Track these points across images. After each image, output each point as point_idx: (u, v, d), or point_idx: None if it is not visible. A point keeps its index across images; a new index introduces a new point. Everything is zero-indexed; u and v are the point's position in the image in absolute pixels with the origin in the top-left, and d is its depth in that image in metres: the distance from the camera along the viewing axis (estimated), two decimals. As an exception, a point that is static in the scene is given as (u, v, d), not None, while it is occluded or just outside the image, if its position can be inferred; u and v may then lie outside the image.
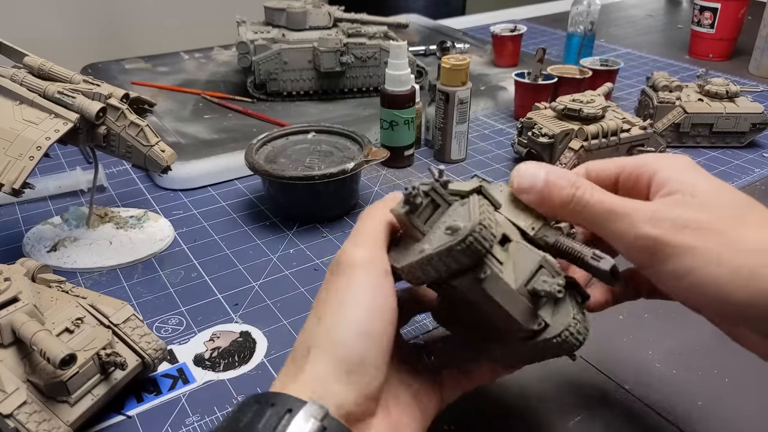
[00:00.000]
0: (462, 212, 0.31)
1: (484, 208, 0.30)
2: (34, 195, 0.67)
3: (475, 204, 0.30)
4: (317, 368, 0.29)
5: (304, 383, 0.29)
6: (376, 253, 0.32)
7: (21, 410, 0.35)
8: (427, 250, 0.30)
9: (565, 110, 0.70)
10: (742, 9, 1.11)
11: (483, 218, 0.29)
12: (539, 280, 0.31)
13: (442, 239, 0.30)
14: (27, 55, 0.55)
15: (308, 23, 0.90)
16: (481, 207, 0.30)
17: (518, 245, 0.32)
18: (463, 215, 0.30)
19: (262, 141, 0.66)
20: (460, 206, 0.31)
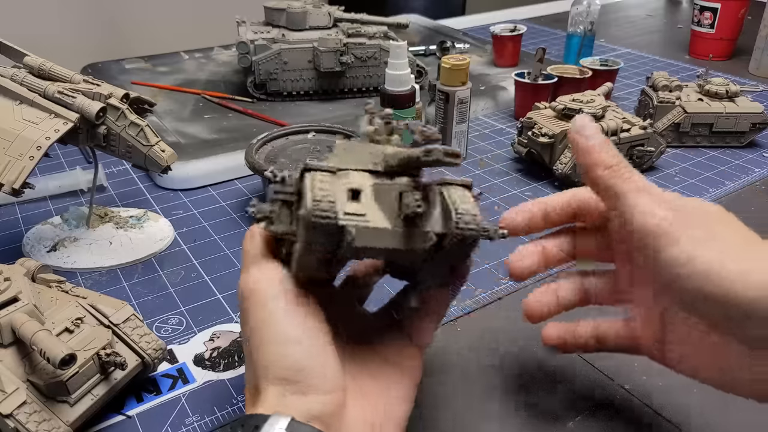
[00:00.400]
0: (306, 196, 0.31)
1: (315, 183, 0.31)
2: (34, 195, 0.67)
3: (306, 185, 0.31)
4: (268, 395, 0.31)
5: (265, 407, 0.30)
6: (265, 272, 0.33)
7: (21, 410, 0.35)
8: (296, 246, 0.32)
9: (565, 110, 0.70)
10: (742, 9, 1.11)
11: (314, 194, 0.30)
12: (403, 205, 0.32)
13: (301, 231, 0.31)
14: (27, 54, 0.55)
15: (308, 23, 0.90)
16: (312, 183, 0.31)
17: (374, 188, 0.33)
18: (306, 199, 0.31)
19: (262, 141, 0.66)
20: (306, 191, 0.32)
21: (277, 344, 0.31)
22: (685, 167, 0.75)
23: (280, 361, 0.31)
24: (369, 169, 0.34)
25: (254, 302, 0.32)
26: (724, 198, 0.68)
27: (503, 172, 0.74)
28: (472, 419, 0.41)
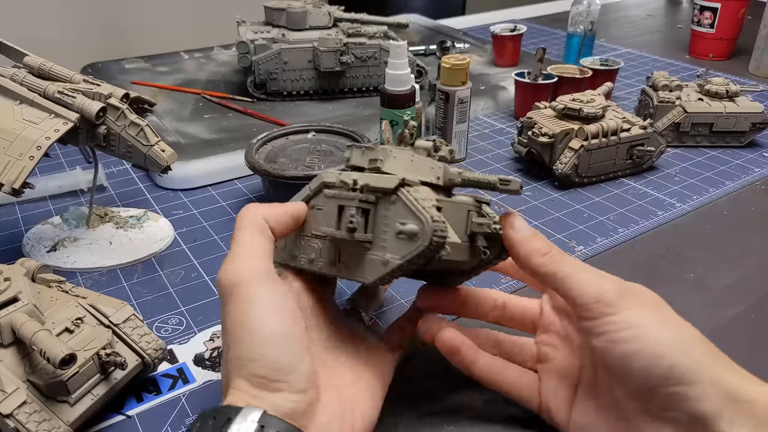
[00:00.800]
0: (403, 211, 0.33)
1: (425, 203, 0.32)
2: (34, 195, 0.67)
3: (413, 202, 0.32)
4: (243, 391, 0.31)
5: (237, 399, 0.31)
6: (254, 264, 0.34)
7: (21, 410, 0.35)
8: (394, 260, 0.33)
9: (565, 110, 0.70)
10: (742, 9, 1.11)
11: (432, 214, 0.32)
12: (474, 224, 0.35)
13: (402, 246, 0.33)
14: (27, 54, 0.55)
15: (308, 23, 0.90)
16: (422, 203, 0.32)
17: (443, 204, 0.35)
18: (406, 214, 0.33)
19: (262, 140, 0.66)
20: (392, 204, 0.33)
21: (256, 342, 0.32)
22: (685, 167, 0.75)
23: (258, 360, 0.31)
24: (430, 182, 0.36)
25: (238, 296, 0.33)
26: (724, 198, 0.68)
27: (503, 172, 0.74)
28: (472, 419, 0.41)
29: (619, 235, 0.61)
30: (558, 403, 0.38)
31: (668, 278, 0.55)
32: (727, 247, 0.59)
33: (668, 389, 0.31)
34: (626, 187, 0.71)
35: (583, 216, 0.65)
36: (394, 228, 0.33)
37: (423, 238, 0.32)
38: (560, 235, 0.61)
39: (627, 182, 0.72)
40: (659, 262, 0.57)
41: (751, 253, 0.59)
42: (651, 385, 0.32)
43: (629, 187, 0.71)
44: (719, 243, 0.60)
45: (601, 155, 0.69)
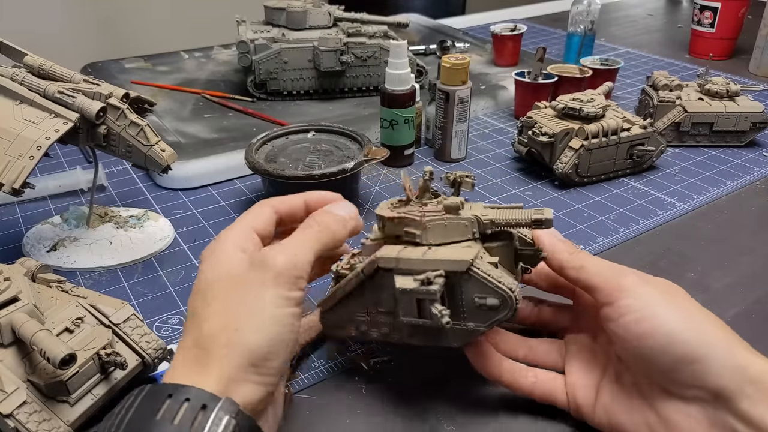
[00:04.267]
0: (479, 287, 0.37)
1: (495, 273, 0.37)
2: (34, 194, 0.67)
3: (488, 279, 0.36)
4: (229, 367, 0.31)
5: (214, 379, 0.30)
6: (302, 267, 0.35)
7: (21, 410, 0.35)
8: (479, 327, 0.38)
9: (565, 109, 0.70)
10: (743, 8, 1.11)
11: (509, 286, 0.36)
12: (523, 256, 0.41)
13: (485, 315, 0.37)
14: (27, 54, 0.55)
15: (308, 22, 0.90)
16: (495, 276, 0.36)
17: (494, 250, 0.40)
18: (483, 289, 0.37)
19: (262, 140, 0.66)
20: (466, 281, 0.37)
21: (268, 334, 0.32)
22: (685, 166, 0.75)
23: (262, 348, 0.32)
24: (472, 238, 0.40)
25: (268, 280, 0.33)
26: (724, 197, 0.68)
27: (503, 172, 0.74)
28: (472, 419, 0.41)
29: (619, 235, 0.61)
30: (584, 395, 0.39)
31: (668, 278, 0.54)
32: (727, 247, 0.59)
33: (686, 367, 0.33)
34: (626, 187, 0.71)
35: (583, 215, 0.65)
36: (472, 301, 0.37)
37: (508, 308, 0.36)
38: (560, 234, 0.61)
39: (627, 182, 0.72)
40: (659, 262, 0.57)
41: (751, 253, 0.59)
42: (669, 364, 0.33)
43: (629, 186, 0.71)
44: (719, 243, 0.60)
45: (601, 155, 0.69)
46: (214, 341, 0.32)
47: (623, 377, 0.38)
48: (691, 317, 0.34)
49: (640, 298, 0.35)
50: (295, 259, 0.34)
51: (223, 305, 0.33)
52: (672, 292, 0.37)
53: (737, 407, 0.32)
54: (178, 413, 0.28)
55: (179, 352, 0.33)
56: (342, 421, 0.41)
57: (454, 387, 0.43)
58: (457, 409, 0.41)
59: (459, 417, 0.41)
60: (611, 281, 0.36)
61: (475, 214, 0.39)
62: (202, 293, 0.34)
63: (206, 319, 0.33)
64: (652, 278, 0.38)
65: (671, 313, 0.34)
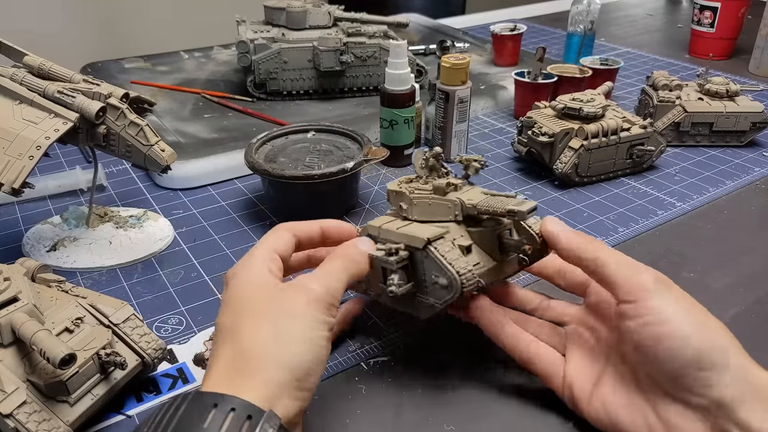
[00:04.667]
0: (435, 265, 0.39)
1: (451, 255, 0.39)
2: (34, 194, 0.67)
3: (440, 259, 0.39)
4: (273, 381, 0.32)
5: (257, 392, 0.31)
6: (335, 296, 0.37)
7: (21, 410, 0.35)
8: (436, 304, 0.40)
9: (565, 109, 0.70)
10: (743, 8, 1.11)
11: (458, 269, 0.38)
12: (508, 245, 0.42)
13: (440, 293, 0.40)
14: (27, 54, 0.55)
15: (308, 22, 0.90)
16: (449, 257, 0.39)
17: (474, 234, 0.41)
18: (438, 268, 0.39)
19: (261, 140, 0.66)
20: (426, 257, 0.40)
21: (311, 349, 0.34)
22: (685, 166, 0.75)
23: (305, 363, 0.33)
24: (454, 220, 0.42)
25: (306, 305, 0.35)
26: (724, 197, 0.68)
27: (503, 172, 0.74)
28: (471, 419, 0.41)
29: (619, 235, 0.61)
30: (581, 384, 0.39)
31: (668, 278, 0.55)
32: (727, 247, 0.59)
33: (696, 373, 0.33)
34: (626, 187, 0.71)
35: (583, 215, 0.65)
36: (430, 278, 0.40)
37: (454, 290, 0.39)
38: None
39: (627, 182, 0.72)
40: (659, 261, 0.57)
41: (751, 253, 0.59)
42: (679, 368, 0.34)
43: (629, 186, 0.71)
44: (719, 243, 0.60)
45: (601, 155, 0.69)
46: (257, 354, 0.33)
47: (626, 376, 0.38)
48: (705, 325, 0.35)
49: (663, 301, 0.35)
50: (329, 286, 0.37)
51: (262, 320, 0.34)
52: (684, 296, 0.37)
53: (737, 415, 0.32)
54: (225, 423, 0.29)
55: (218, 361, 0.34)
56: (342, 421, 0.41)
57: (454, 387, 0.43)
58: (457, 409, 0.41)
59: (459, 417, 0.41)
60: (632, 279, 0.36)
61: (460, 198, 0.42)
62: (233, 308, 0.35)
63: (245, 332, 0.34)
64: (665, 279, 0.38)
65: (689, 318, 0.35)
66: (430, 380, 0.44)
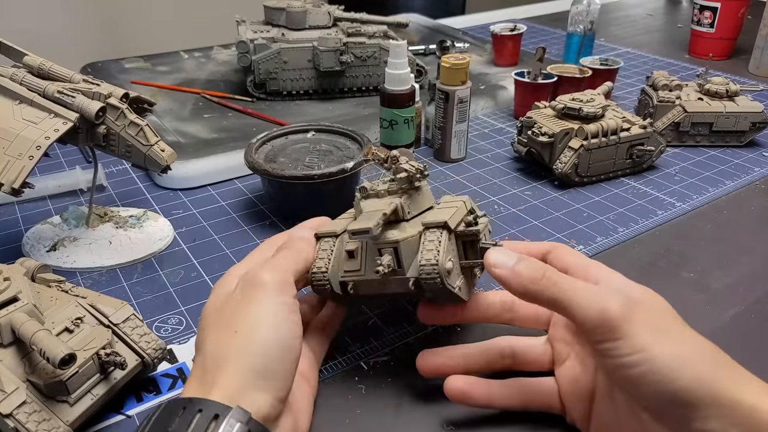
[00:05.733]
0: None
1: (317, 253, 0.42)
2: (34, 194, 0.67)
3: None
4: (234, 378, 0.33)
5: (224, 390, 0.32)
6: (286, 279, 0.38)
7: (20, 410, 0.35)
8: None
9: (565, 109, 0.70)
10: (742, 8, 1.11)
11: (313, 266, 0.41)
12: (381, 265, 0.40)
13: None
14: (26, 54, 0.55)
15: (308, 22, 0.90)
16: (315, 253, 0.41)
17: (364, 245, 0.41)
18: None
19: (261, 140, 0.66)
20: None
21: (271, 342, 0.34)
22: (685, 166, 0.75)
23: (266, 357, 0.34)
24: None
25: (259, 294, 0.36)
26: (723, 197, 0.68)
27: (503, 172, 0.74)
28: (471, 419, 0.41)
29: (618, 235, 0.61)
30: (578, 407, 0.38)
31: (668, 278, 0.55)
32: (727, 247, 0.59)
33: (676, 410, 0.32)
34: (626, 187, 0.71)
35: (583, 215, 0.65)
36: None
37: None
38: (560, 234, 0.61)
39: (627, 182, 0.72)
40: (659, 262, 0.57)
41: (751, 253, 0.59)
42: (660, 405, 0.32)
43: (629, 186, 0.71)
44: (719, 243, 0.60)
45: (600, 155, 0.69)
46: (220, 355, 0.34)
47: (615, 395, 0.36)
48: (683, 356, 0.32)
49: (630, 340, 0.32)
50: (278, 271, 0.38)
51: (224, 323, 0.35)
52: (662, 320, 0.34)
53: None
54: (191, 424, 0.30)
55: (192, 370, 0.35)
56: (342, 421, 0.41)
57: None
58: (457, 409, 0.41)
59: (459, 417, 0.41)
60: (593, 317, 0.33)
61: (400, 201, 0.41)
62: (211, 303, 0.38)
63: (208, 340, 0.35)
64: (639, 303, 0.34)
65: (663, 355, 0.32)
66: (430, 380, 0.44)
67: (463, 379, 0.39)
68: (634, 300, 0.34)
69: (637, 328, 0.32)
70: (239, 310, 0.36)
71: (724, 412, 0.31)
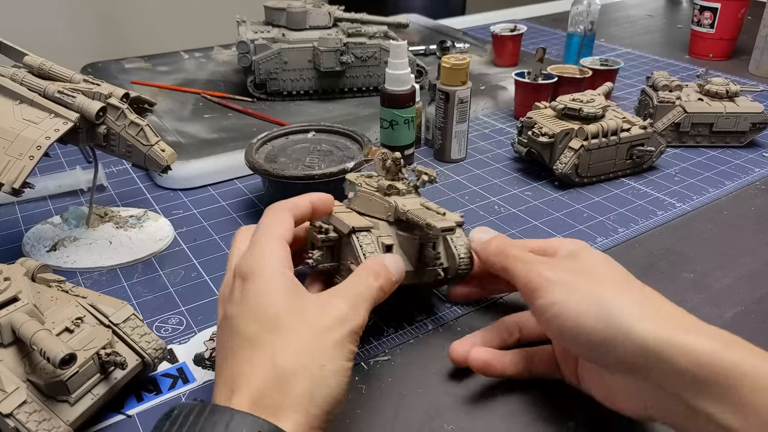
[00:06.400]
0: (353, 252, 0.43)
1: (369, 248, 0.43)
2: (34, 194, 0.67)
3: (358, 248, 0.42)
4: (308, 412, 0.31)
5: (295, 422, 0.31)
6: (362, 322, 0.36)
7: (21, 410, 0.35)
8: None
9: (565, 110, 0.70)
10: (742, 9, 1.11)
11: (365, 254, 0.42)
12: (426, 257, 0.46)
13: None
14: (27, 54, 0.55)
15: (308, 23, 0.90)
16: (366, 248, 0.42)
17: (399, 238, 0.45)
18: (354, 255, 0.42)
19: (262, 140, 0.66)
20: (348, 244, 0.43)
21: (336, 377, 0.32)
22: (685, 167, 0.75)
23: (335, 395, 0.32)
24: (387, 220, 0.46)
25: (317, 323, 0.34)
26: (724, 198, 0.68)
27: (503, 172, 0.74)
28: (471, 419, 0.41)
29: (619, 235, 0.61)
30: (568, 367, 0.41)
31: (668, 278, 0.55)
32: (727, 247, 0.59)
33: (595, 351, 0.35)
34: (626, 187, 0.71)
35: (583, 216, 0.65)
36: (346, 263, 0.44)
37: None
38: (560, 234, 0.61)
39: (627, 182, 0.72)
40: (659, 262, 0.57)
41: (751, 253, 0.59)
42: (583, 352, 0.36)
43: (629, 187, 0.71)
44: (719, 243, 0.60)
45: (601, 155, 0.69)
46: (296, 382, 0.31)
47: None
48: (594, 300, 0.35)
49: (547, 298, 0.37)
50: (359, 314, 0.35)
51: (297, 342, 0.33)
52: (579, 269, 0.38)
53: (650, 377, 0.33)
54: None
55: (244, 376, 0.32)
56: (342, 421, 0.41)
57: (454, 387, 0.43)
58: (457, 409, 0.41)
59: (459, 417, 0.41)
60: (522, 281, 0.39)
61: (396, 201, 0.46)
62: (258, 315, 0.34)
63: (279, 353, 0.32)
64: (562, 257, 0.40)
65: (576, 304, 0.36)
66: (430, 380, 0.44)
67: (485, 351, 0.42)
68: (554, 264, 0.39)
69: (556, 287, 0.37)
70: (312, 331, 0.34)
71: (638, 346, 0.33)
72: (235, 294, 0.35)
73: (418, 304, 0.51)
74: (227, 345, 0.34)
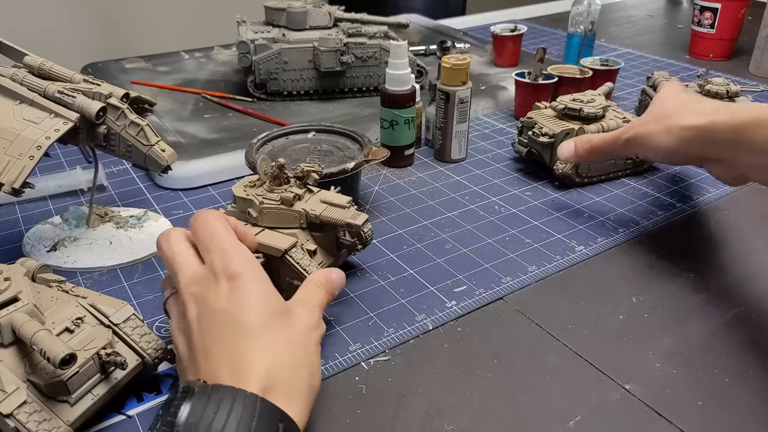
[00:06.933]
0: (291, 270, 0.46)
1: (305, 262, 0.46)
2: (34, 194, 0.67)
3: (297, 267, 0.46)
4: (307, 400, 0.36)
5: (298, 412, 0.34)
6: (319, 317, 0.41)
7: (21, 410, 0.35)
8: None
9: (565, 110, 0.70)
10: (743, 9, 1.11)
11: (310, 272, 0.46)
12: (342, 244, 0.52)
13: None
14: (27, 54, 0.55)
15: (308, 23, 0.90)
16: (303, 264, 0.46)
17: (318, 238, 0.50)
18: (293, 273, 0.46)
19: (262, 140, 0.66)
20: (282, 263, 0.46)
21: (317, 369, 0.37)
22: (685, 167, 0.75)
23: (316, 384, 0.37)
24: (300, 227, 0.49)
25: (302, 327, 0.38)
26: (724, 198, 0.68)
27: (503, 172, 0.74)
28: (471, 419, 0.41)
29: (619, 235, 0.61)
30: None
31: (668, 278, 0.55)
32: (727, 247, 0.59)
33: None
34: (626, 187, 0.71)
35: (583, 216, 0.65)
36: (286, 280, 0.46)
37: None
38: (560, 235, 0.61)
39: (627, 182, 0.72)
40: (659, 262, 0.57)
41: (751, 253, 0.59)
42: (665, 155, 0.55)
43: (629, 187, 0.71)
44: (719, 243, 0.60)
45: (601, 155, 0.69)
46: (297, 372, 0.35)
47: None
48: (675, 139, 0.51)
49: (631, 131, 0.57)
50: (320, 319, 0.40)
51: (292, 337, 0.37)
52: (660, 112, 0.54)
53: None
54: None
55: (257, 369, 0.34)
56: (342, 421, 0.41)
57: (454, 387, 0.43)
58: (457, 409, 0.41)
59: (459, 417, 0.41)
60: (613, 136, 0.59)
61: (305, 208, 0.48)
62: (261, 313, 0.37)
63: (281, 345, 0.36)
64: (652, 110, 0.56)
65: (661, 141, 0.52)
66: (430, 380, 0.44)
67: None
68: (643, 120, 0.57)
69: (641, 127, 0.55)
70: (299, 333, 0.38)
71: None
72: (222, 291, 0.37)
73: (418, 304, 0.51)
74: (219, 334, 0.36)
